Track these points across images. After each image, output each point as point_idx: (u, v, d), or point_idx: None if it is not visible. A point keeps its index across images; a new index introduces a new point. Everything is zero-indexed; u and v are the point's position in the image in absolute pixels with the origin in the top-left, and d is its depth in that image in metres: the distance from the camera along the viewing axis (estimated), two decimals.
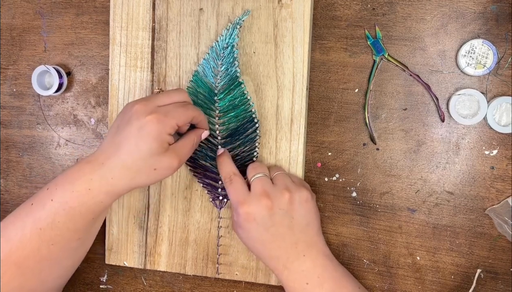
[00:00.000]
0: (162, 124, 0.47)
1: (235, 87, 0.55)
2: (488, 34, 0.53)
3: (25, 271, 0.49)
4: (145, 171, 0.47)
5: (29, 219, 0.48)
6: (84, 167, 0.48)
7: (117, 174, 0.47)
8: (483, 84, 0.54)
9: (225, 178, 0.53)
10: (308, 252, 0.50)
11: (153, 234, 0.59)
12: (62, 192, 0.47)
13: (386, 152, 0.56)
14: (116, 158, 0.47)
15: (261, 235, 0.50)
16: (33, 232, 0.48)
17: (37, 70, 0.60)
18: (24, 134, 0.64)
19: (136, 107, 0.48)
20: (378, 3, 0.55)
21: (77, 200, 0.47)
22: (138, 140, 0.46)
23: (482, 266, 0.55)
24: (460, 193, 0.55)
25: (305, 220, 0.51)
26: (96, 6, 0.61)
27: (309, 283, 0.49)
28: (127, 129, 0.47)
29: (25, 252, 0.48)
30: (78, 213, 0.47)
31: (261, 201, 0.49)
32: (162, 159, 0.47)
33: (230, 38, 0.55)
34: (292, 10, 0.54)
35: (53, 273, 0.51)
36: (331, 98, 0.57)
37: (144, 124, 0.46)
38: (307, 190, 0.52)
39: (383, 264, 0.56)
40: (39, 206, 0.48)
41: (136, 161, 0.47)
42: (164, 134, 0.47)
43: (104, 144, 0.49)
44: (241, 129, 0.56)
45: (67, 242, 0.49)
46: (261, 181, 0.51)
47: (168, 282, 0.61)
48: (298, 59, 0.54)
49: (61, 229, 0.48)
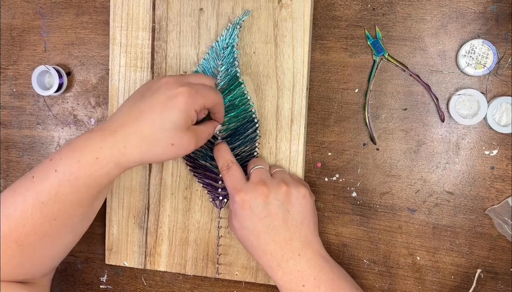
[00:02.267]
0: (193, 99, 0.46)
1: (235, 87, 0.55)
2: (488, 34, 0.53)
3: (25, 249, 0.46)
4: (162, 144, 0.45)
5: (31, 193, 0.45)
6: (93, 135, 0.45)
7: (131, 143, 0.44)
8: (483, 84, 0.54)
9: (223, 166, 0.52)
10: (303, 251, 0.49)
11: (153, 234, 0.59)
12: (68, 161, 0.44)
13: (386, 152, 0.56)
14: (133, 126, 0.45)
15: (255, 225, 0.49)
16: (35, 207, 0.45)
17: (37, 70, 0.60)
18: (24, 134, 0.64)
19: (167, 79, 0.47)
20: (378, 3, 0.55)
21: (83, 170, 0.44)
22: (165, 109, 0.45)
23: (482, 266, 0.55)
24: (460, 193, 0.55)
25: (300, 215, 0.50)
26: (96, 6, 0.61)
27: (305, 285, 0.48)
28: (154, 97, 0.46)
29: (26, 229, 0.45)
30: (83, 184, 0.45)
31: (257, 189, 0.49)
32: (184, 135, 0.46)
33: (230, 38, 0.55)
34: (292, 10, 0.54)
35: (53, 249, 0.49)
36: (331, 98, 0.57)
37: (175, 95, 0.45)
38: (306, 188, 0.51)
39: (383, 264, 0.56)
40: (41, 178, 0.45)
41: (156, 131, 0.45)
42: (192, 110, 0.46)
43: (118, 113, 0.47)
44: (241, 129, 0.56)
45: (70, 217, 0.47)
46: (259, 171, 0.51)
47: (168, 282, 0.61)
48: (298, 59, 0.54)
49: (64, 202, 0.45)
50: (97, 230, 0.62)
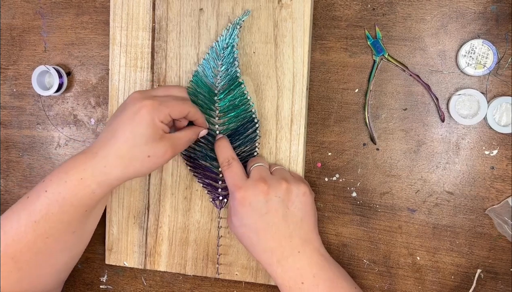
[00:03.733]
0: (156, 111, 0.47)
1: (235, 87, 0.55)
2: (488, 34, 0.53)
3: (21, 265, 0.48)
4: (139, 158, 0.47)
5: (25, 212, 0.48)
6: (78, 158, 0.48)
7: (110, 162, 0.47)
8: (483, 84, 0.54)
9: (223, 162, 0.52)
10: (303, 249, 0.49)
11: (153, 234, 0.59)
12: (56, 183, 0.47)
13: (386, 152, 0.56)
14: (110, 146, 0.47)
15: (255, 222, 0.49)
16: (28, 225, 0.48)
17: (37, 70, 0.60)
18: (24, 134, 0.64)
19: (134, 95, 0.49)
20: (378, 3, 0.55)
21: (69, 191, 0.47)
22: (132, 125, 0.47)
23: (482, 266, 0.55)
24: (460, 193, 0.55)
25: (300, 213, 0.50)
26: (96, 6, 0.61)
27: (305, 282, 0.49)
28: (122, 115, 0.48)
29: (21, 246, 0.48)
30: (69, 204, 0.47)
31: (258, 186, 0.49)
32: (157, 145, 0.48)
33: (230, 38, 0.55)
34: (292, 10, 0.54)
35: (50, 267, 0.51)
36: (331, 98, 0.57)
37: (138, 109, 0.47)
38: (306, 185, 0.51)
39: (383, 264, 0.56)
40: (34, 198, 0.48)
41: (131, 148, 0.47)
42: (157, 121, 0.47)
43: (101, 134, 0.50)
44: (241, 129, 0.56)
45: (61, 235, 0.49)
46: (260, 169, 0.51)
47: (168, 282, 0.61)
48: (298, 59, 0.54)
49: (55, 221, 0.48)
50: (97, 230, 0.62)
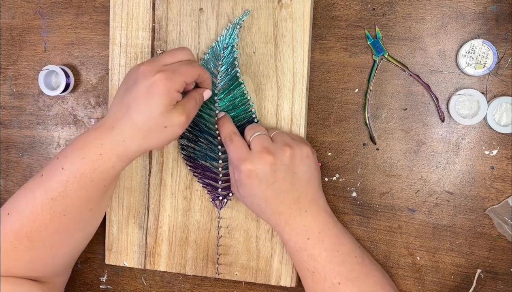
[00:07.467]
0: (171, 81, 0.47)
1: (235, 87, 0.55)
2: (488, 34, 0.53)
3: (37, 245, 0.48)
4: (156, 130, 0.47)
5: (40, 190, 0.47)
6: (93, 134, 0.47)
7: (128, 135, 0.47)
8: (483, 84, 0.54)
9: (225, 137, 0.53)
10: (310, 208, 0.51)
11: (153, 234, 0.59)
12: (73, 159, 0.47)
13: (386, 152, 0.56)
14: (126, 119, 0.47)
15: (264, 191, 0.50)
16: (45, 203, 0.47)
17: (43, 71, 0.60)
18: (24, 134, 0.64)
19: (142, 68, 0.48)
20: (378, 3, 0.55)
21: (88, 166, 0.46)
22: (147, 99, 0.46)
23: (482, 266, 0.55)
24: (460, 193, 0.55)
25: (306, 175, 0.51)
26: (96, 6, 0.61)
27: (310, 238, 0.50)
28: (135, 89, 0.47)
29: (37, 224, 0.47)
30: (89, 180, 0.47)
31: (263, 157, 0.49)
32: (172, 115, 0.47)
33: (230, 38, 0.55)
34: (292, 10, 0.54)
35: (64, 246, 0.51)
36: (331, 98, 0.57)
37: (153, 83, 0.47)
38: (308, 146, 0.51)
39: (383, 264, 0.56)
40: (49, 176, 0.47)
41: (147, 120, 0.46)
42: (173, 91, 0.47)
43: (111, 109, 0.49)
44: (241, 129, 0.56)
45: (79, 212, 0.49)
46: (260, 138, 0.51)
47: (168, 282, 0.61)
48: (298, 59, 0.54)
49: (72, 198, 0.47)
50: (97, 229, 0.62)
